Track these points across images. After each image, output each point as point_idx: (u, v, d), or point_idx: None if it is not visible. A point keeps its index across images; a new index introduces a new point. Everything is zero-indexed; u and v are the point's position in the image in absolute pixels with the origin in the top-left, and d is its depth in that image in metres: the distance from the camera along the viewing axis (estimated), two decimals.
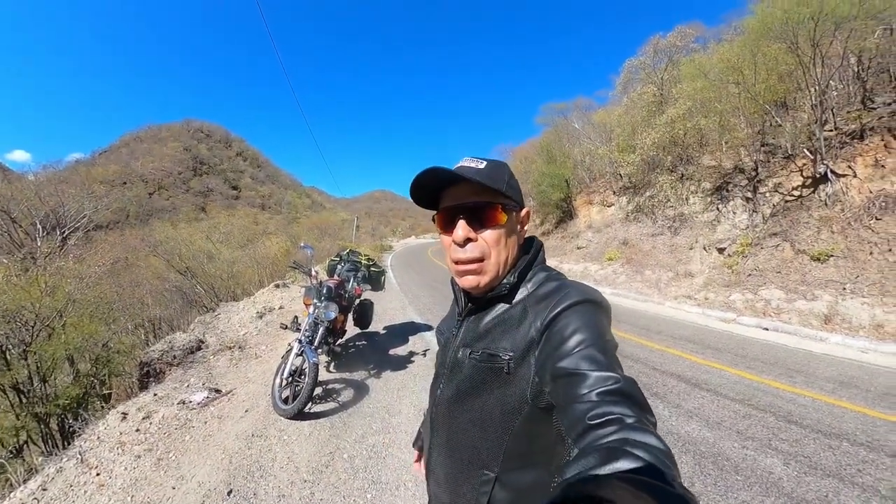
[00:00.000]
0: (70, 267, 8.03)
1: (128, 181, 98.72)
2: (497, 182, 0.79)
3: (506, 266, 0.82)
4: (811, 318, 6.50)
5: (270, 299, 8.84)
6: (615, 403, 0.57)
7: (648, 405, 0.59)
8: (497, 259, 0.80)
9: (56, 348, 5.14)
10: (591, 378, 0.61)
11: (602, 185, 17.65)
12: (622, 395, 0.58)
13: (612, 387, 0.59)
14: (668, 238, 12.10)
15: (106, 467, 2.73)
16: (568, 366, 0.64)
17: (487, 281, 0.81)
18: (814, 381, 4.27)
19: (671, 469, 0.46)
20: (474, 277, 0.81)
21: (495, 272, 0.80)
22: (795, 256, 8.02)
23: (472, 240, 0.79)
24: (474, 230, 0.79)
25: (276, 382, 3.46)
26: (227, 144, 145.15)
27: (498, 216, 0.79)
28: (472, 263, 0.79)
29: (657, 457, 0.47)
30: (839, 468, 2.68)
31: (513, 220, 0.83)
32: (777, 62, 9.48)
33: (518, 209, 0.84)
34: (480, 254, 0.79)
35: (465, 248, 0.80)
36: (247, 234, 23.43)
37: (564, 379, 0.64)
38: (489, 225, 0.79)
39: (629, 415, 0.55)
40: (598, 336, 0.67)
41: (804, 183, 9.00)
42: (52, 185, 15.25)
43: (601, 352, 0.65)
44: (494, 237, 0.79)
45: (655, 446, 0.49)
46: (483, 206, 0.79)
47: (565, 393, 0.62)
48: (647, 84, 16.51)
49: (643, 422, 0.54)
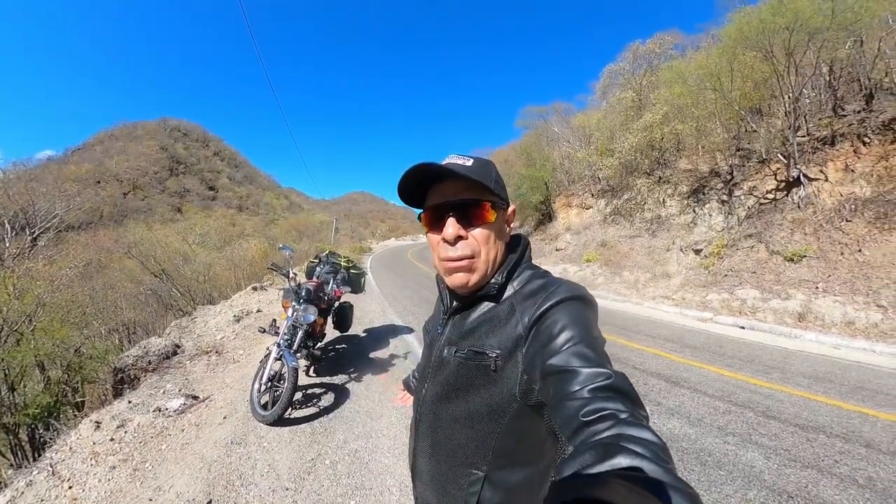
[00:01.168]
0: (40, 269, 7.70)
1: (102, 180, 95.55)
2: (486, 179, 0.77)
3: (494, 264, 0.81)
4: (786, 316, 6.71)
5: (248, 302, 8.69)
6: (608, 399, 0.56)
7: (640, 400, 0.59)
8: (487, 257, 0.79)
9: (25, 354, 4.91)
10: (583, 374, 0.60)
11: (581, 188, 17.93)
12: (614, 390, 0.58)
13: (604, 382, 0.59)
14: (646, 240, 12.35)
15: (79, 479, 2.61)
16: (558, 363, 0.63)
17: (477, 279, 0.79)
18: (789, 376, 4.40)
19: (668, 463, 0.46)
20: (464, 275, 0.79)
21: (485, 270, 0.79)
22: (770, 257, 8.28)
23: (462, 237, 0.78)
24: (464, 228, 0.78)
25: (255, 388, 3.37)
26: (204, 144, 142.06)
27: (488, 213, 0.78)
28: (463, 261, 0.78)
29: (653, 451, 0.47)
30: (817, 460, 2.76)
31: (500, 217, 0.82)
32: (753, 70, 9.82)
33: (505, 207, 0.83)
34: (471, 251, 0.78)
35: (456, 245, 0.78)
36: (224, 236, 22.98)
37: (555, 376, 0.63)
38: (479, 222, 0.78)
39: (622, 410, 0.55)
40: (587, 332, 0.67)
41: (778, 186, 9.32)
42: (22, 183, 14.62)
43: (590, 348, 0.64)
44: (484, 235, 0.78)
45: (651, 440, 0.49)
46: (473, 204, 0.78)
47: (557, 390, 0.62)
48: (626, 89, 16.87)
49: (637, 416, 0.54)
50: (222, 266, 15.69)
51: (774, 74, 9.16)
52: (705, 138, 12.02)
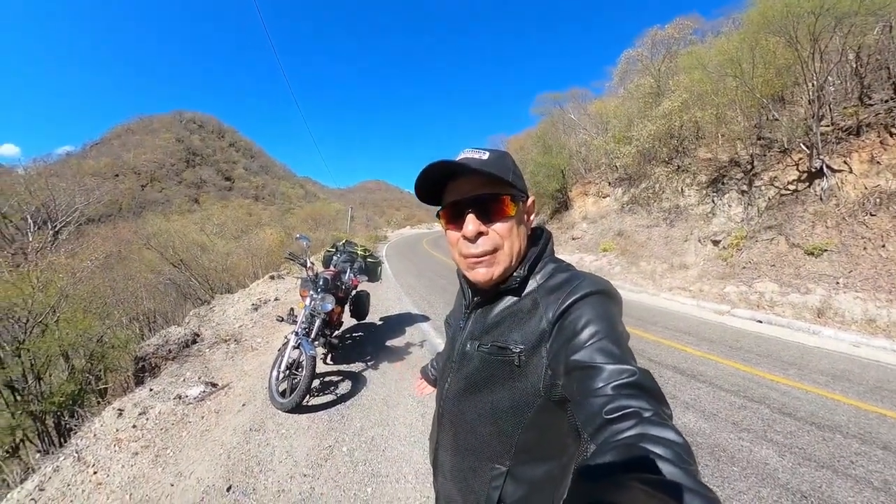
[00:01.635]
0: (62, 262, 7.91)
1: (120, 173, 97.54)
2: (503, 172, 0.77)
3: (518, 256, 0.80)
4: (804, 311, 6.57)
5: (266, 291, 8.78)
6: (632, 397, 0.56)
7: (664, 397, 0.59)
8: (510, 250, 0.78)
9: (50, 345, 5.07)
10: (607, 371, 0.60)
11: (598, 176, 17.63)
12: (638, 387, 0.58)
13: (628, 380, 0.58)
14: (664, 230, 12.13)
15: (103, 465, 2.70)
16: (582, 358, 0.63)
17: (500, 272, 0.79)
18: (807, 373, 4.32)
19: (690, 465, 0.46)
20: (486, 269, 0.78)
21: (508, 263, 0.79)
22: (790, 250, 8.08)
23: (483, 233, 0.77)
24: (484, 223, 0.77)
25: (273, 376, 3.44)
26: (219, 135, 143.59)
27: (507, 207, 0.77)
28: (485, 256, 0.78)
29: (676, 452, 0.47)
30: (832, 460, 2.72)
31: (521, 209, 0.81)
32: (775, 56, 9.48)
33: (525, 198, 0.82)
34: (493, 246, 0.77)
35: (477, 242, 0.77)
36: (241, 226, 23.28)
37: (579, 372, 0.63)
38: (499, 217, 0.77)
39: (646, 408, 0.54)
40: (611, 327, 0.66)
41: (800, 177, 9.04)
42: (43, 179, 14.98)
43: (615, 343, 0.64)
44: (506, 229, 0.77)
45: (674, 441, 0.49)
46: (492, 198, 0.77)
47: (580, 386, 0.62)
48: (645, 75, 16.45)
49: (660, 415, 0.54)
50: (240, 255, 15.95)
51: (798, 61, 8.81)
52: (725, 126, 11.67)
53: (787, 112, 10.23)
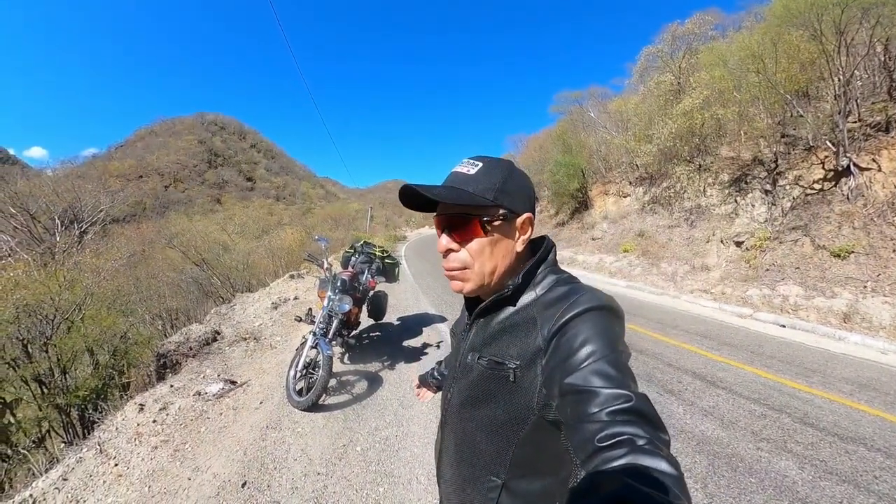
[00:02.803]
0: (88, 261, 8.18)
1: (143, 175, 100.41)
2: (484, 190, 0.75)
3: (493, 275, 0.79)
4: (830, 316, 6.35)
5: (285, 290, 8.89)
6: (626, 423, 0.54)
7: (662, 423, 0.57)
8: (481, 269, 0.78)
9: (75, 341, 5.26)
10: (602, 396, 0.58)
11: (618, 176, 17.35)
12: (634, 413, 0.56)
13: (624, 405, 0.56)
14: (685, 230, 11.89)
15: (124, 458, 2.78)
16: (577, 382, 0.61)
17: (471, 288, 0.80)
18: (831, 381, 4.18)
19: (680, 499, 0.44)
20: (458, 283, 0.81)
21: (479, 281, 0.79)
22: (815, 252, 7.82)
23: (453, 250, 0.79)
24: (456, 240, 0.78)
25: (291, 374, 3.49)
26: (241, 136, 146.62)
27: (475, 230, 0.76)
28: (454, 271, 0.80)
29: (665, 485, 0.45)
30: (855, 474, 2.61)
31: (502, 229, 0.77)
32: (799, 50, 9.18)
33: (512, 216, 0.78)
34: (461, 264, 0.78)
35: (448, 257, 0.80)
36: (262, 225, 23.73)
37: (573, 396, 0.61)
38: (469, 236, 0.77)
39: (640, 435, 0.52)
40: (610, 347, 0.63)
41: (826, 176, 8.74)
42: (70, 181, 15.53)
43: (612, 365, 0.61)
44: (477, 248, 0.77)
45: (665, 472, 0.47)
46: (461, 219, 0.77)
47: (574, 411, 0.60)
48: (664, 72, 16.12)
49: (655, 443, 0.52)
50: (260, 255, 16.25)
51: (823, 55, 8.52)
52: (748, 124, 11.35)
53: (813, 108, 9.92)
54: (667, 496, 0.44)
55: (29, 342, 5.07)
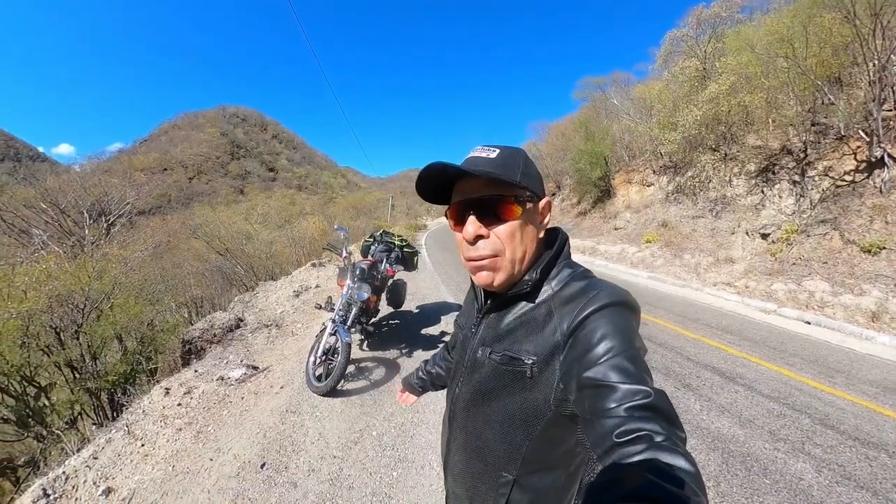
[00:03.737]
0: (115, 252, 8.48)
1: (168, 168, 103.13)
2: (510, 172, 0.73)
3: (523, 262, 0.77)
4: (857, 314, 6.13)
5: (307, 278, 8.99)
6: (644, 419, 0.55)
7: (679, 420, 0.57)
8: (512, 256, 0.75)
9: (105, 328, 5.49)
10: (620, 391, 0.58)
11: (642, 164, 16.98)
12: (652, 409, 0.56)
13: (642, 401, 0.56)
14: (710, 221, 11.60)
15: (150, 439, 2.91)
16: (595, 376, 0.61)
17: (503, 279, 0.76)
18: (855, 383, 4.04)
19: (697, 495, 0.45)
20: (488, 274, 0.76)
21: (510, 269, 0.76)
22: (844, 247, 7.53)
23: (483, 236, 0.75)
24: (485, 226, 0.74)
25: (310, 360, 3.56)
26: (262, 128, 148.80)
27: (510, 210, 0.74)
28: (485, 260, 0.75)
29: (683, 481, 0.46)
30: (874, 481, 2.52)
31: (529, 212, 0.76)
32: (831, 34, 8.74)
33: (536, 200, 0.77)
34: (493, 251, 0.74)
35: (477, 245, 0.75)
36: (284, 215, 24.08)
37: (591, 390, 0.61)
38: (501, 220, 0.74)
39: (658, 432, 0.53)
40: (628, 343, 0.63)
41: (857, 167, 8.37)
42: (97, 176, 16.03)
43: (631, 361, 0.61)
44: (508, 232, 0.74)
45: (683, 468, 0.48)
46: (494, 200, 0.74)
47: (592, 405, 0.60)
48: (690, 57, 15.58)
49: (672, 440, 0.52)
50: (283, 244, 16.51)
51: (857, 38, 8.08)
52: (776, 111, 10.89)
53: (845, 95, 9.46)
54: (685, 492, 0.44)
55: (61, 330, 5.31)
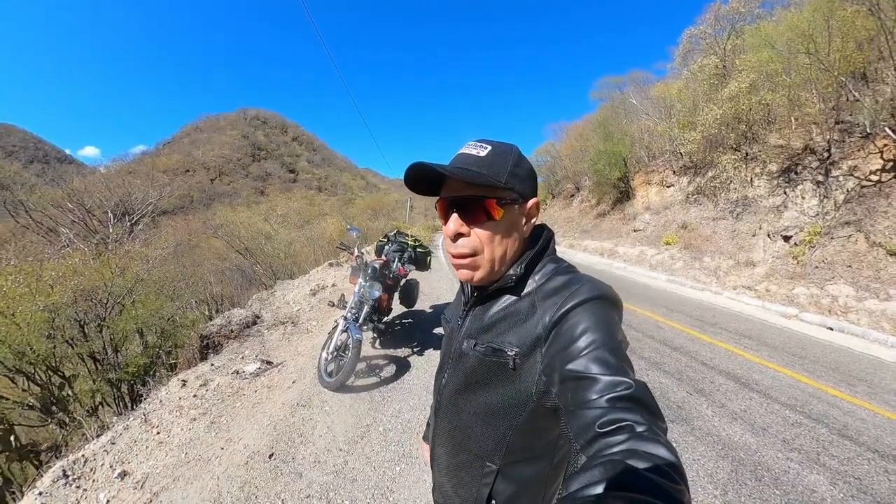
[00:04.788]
0: (137, 250, 8.79)
1: (190, 169, 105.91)
2: (496, 172, 0.73)
3: (503, 260, 0.78)
4: (883, 320, 5.92)
5: (324, 277, 9.12)
6: (626, 410, 0.55)
7: (660, 411, 0.58)
8: (491, 255, 0.76)
9: (126, 322, 5.73)
10: (602, 382, 0.58)
11: (661, 165, 16.79)
12: (633, 400, 0.56)
13: (624, 392, 0.57)
14: (730, 223, 11.38)
15: (165, 427, 3.02)
16: (577, 368, 0.62)
17: (482, 276, 0.78)
18: (878, 392, 3.89)
19: (678, 484, 0.45)
20: (467, 272, 0.78)
21: (489, 268, 0.77)
22: (870, 250, 7.27)
23: (463, 234, 0.76)
24: (467, 224, 0.75)
25: (322, 356, 3.64)
26: (283, 130, 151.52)
27: (492, 211, 0.74)
28: (465, 258, 0.76)
29: (665, 471, 0.46)
30: (892, 497, 2.41)
31: (514, 213, 0.77)
32: (855, 27, 8.46)
33: (521, 201, 0.77)
34: (471, 250, 0.75)
35: (458, 242, 0.77)
36: (304, 216, 24.42)
37: (573, 382, 0.62)
38: (482, 220, 0.75)
39: (640, 422, 0.53)
40: (610, 336, 0.64)
41: (884, 167, 8.06)
42: (121, 177, 16.61)
43: (612, 353, 0.62)
44: (488, 233, 0.75)
45: (664, 458, 0.48)
46: (475, 201, 0.74)
47: (574, 397, 0.61)
48: (709, 55, 15.24)
49: (654, 430, 0.53)
50: (302, 243, 16.75)
51: (882, 31, 7.80)
52: (799, 110, 10.59)
53: (871, 91, 9.17)
54: (666, 481, 0.45)
55: (85, 323, 5.55)
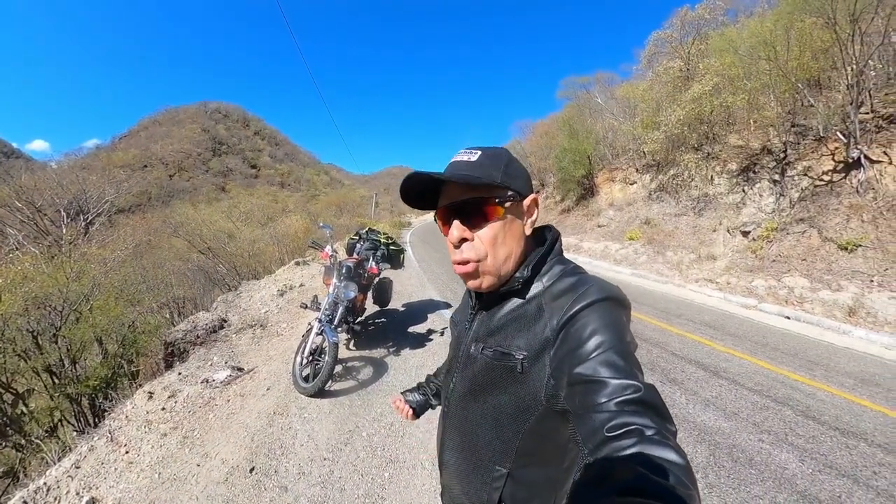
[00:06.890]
0: (94, 252, 8.25)
1: (148, 164, 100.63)
2: (490, 173, 0.74)
3: (508, 263, 0.77)
4: (835, 309, 6.31)
5: (291, 277, 8.92)
6: (635, 413, 0.55)
7: (669, 414, 0.58)
8: (495, 259, 0.76)
9: (84, 331, 5.30)
10: (611, 386, 0.58)
11: (625, 163, 17.19)
12: (642, 404, 0.56)
13: (633, 395, 0.56)
14: (692, 219, 11.83)
15: (134, 445, 2.84)
16: (585, 371, 0.61)
17: (490, 283, 0.77)
18: (834, 375, 4.17)
19: (689, 488, 0.45)
20: (475, 281, 0.78)
21: (496, 273, 0.76)
22: (822, 244, 7.75)
23: (467, 239, 0.76)
24: (469, 228, 0.75)
25: (297, 361, 3.52)
26: (244, 124, 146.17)
27: (492, 211, 0.74)
28: (470, 264, 0.76)
29: (675, 475, 0.46)
30: (854, 469, 2.62)
31: (513, 211, 0.77)
32: (812, 38, 8.99)
33: (519, 198, 0.77)
34: (476, 255, 0.75)
35: (461, 248, 0.76)
36: (267, 213, 23.72)
37: (582, 385, 0.61)
38: (483, 222, 0.75)
39: (649, 426, 0.53)
40: (618, 338, 0.64)
41: (835, 168, 8.61)
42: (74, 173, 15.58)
43: (621, 356, 0.61)
44: (490, 235, 0.75)
45: (674, 462, 0.48)
46: (473, 203, 0.74)
47: (583, 400, 0.60)
48: (674, 58, 15.87)
49: (663, 434, 0.53)
50: (266, 242, 16.20)
51: (837, 43, 8.32)
52: (758, 112, 11.17)
53: (824, 98, 9.74)
54: (676, 485, 0.44)
55: (39, 334, 5.12)
